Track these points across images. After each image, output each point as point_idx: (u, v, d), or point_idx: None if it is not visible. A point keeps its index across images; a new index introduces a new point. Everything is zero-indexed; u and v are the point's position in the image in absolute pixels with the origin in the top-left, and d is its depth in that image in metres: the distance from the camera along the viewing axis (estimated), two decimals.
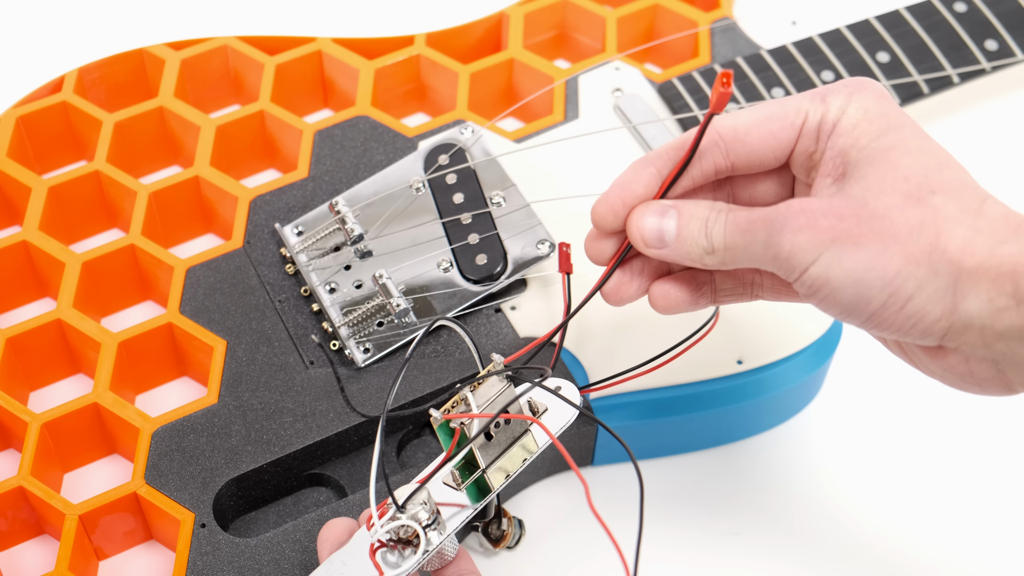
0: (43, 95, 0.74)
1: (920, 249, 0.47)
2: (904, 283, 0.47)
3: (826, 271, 0.47)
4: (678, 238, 0.50)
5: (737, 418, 0.66)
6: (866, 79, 0.52)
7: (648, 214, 0.51)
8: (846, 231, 0.47)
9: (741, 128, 0.51)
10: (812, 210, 0.48)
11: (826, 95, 0.51)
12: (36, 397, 0.68)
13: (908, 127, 0.50)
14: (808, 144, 0.51)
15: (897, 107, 0.51)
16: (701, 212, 0.50)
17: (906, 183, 0.48)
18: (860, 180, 0.48)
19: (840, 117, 0.50)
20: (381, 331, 0.64)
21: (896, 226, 0.47)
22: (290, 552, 0.59)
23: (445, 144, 0.69)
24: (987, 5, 0.76)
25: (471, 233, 0.66)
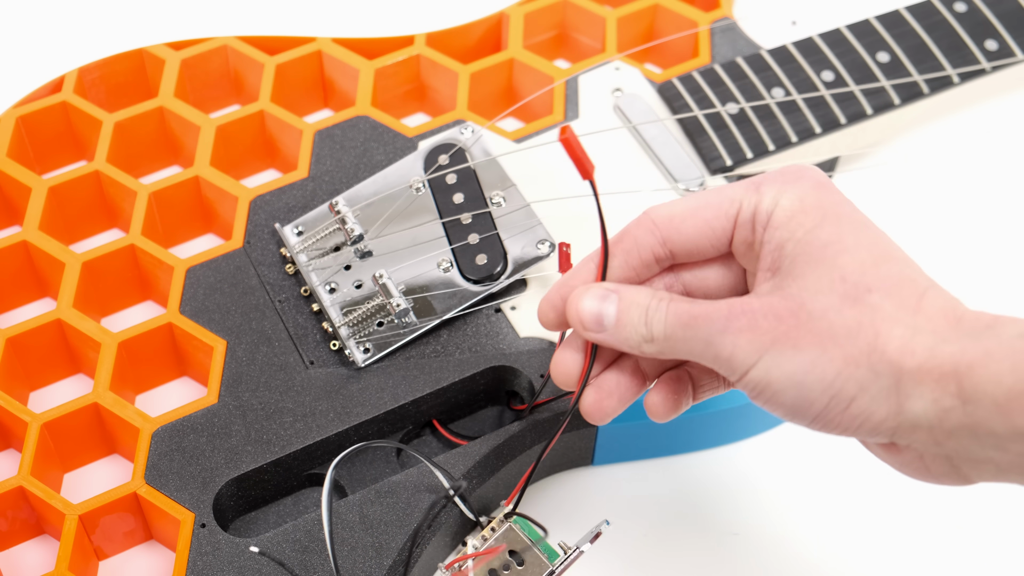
0: (43, 95, 0.74)
1: (859, 351, 0.46)
2: (845, 384, 0.46)
3: (767, 374, 0.47)
4: (617, 323, 0.50)
5: (737, 418, 0.66)
6: (806, 167, 0.51)
7: (587, 297, 0.51)
8: (785, 333, 0.47)
9: (676, 217, 0.51)
10: (752, 311, 0.48)
11: (760, 184, 0.50)
12: (36, 397, 0.68)
13: (846, 219, 0.49)
14: (746, 234, 0.51)
15: (836, 195, 0.50)
16: (642, 299, 0.50)
17: (843, 283, 0.47)
18: (798, 278, 0.48)
19: (774, 208, 0.50)
20: (381, 331, 0.64)
21: (834, 328, 0.47)
22: (290, 552, 0.59)
23: (445, 144, 0.69)
24: (987, 5, 0.76)
25: (471, 233, 0.66)
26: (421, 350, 0.65)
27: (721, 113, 0.72)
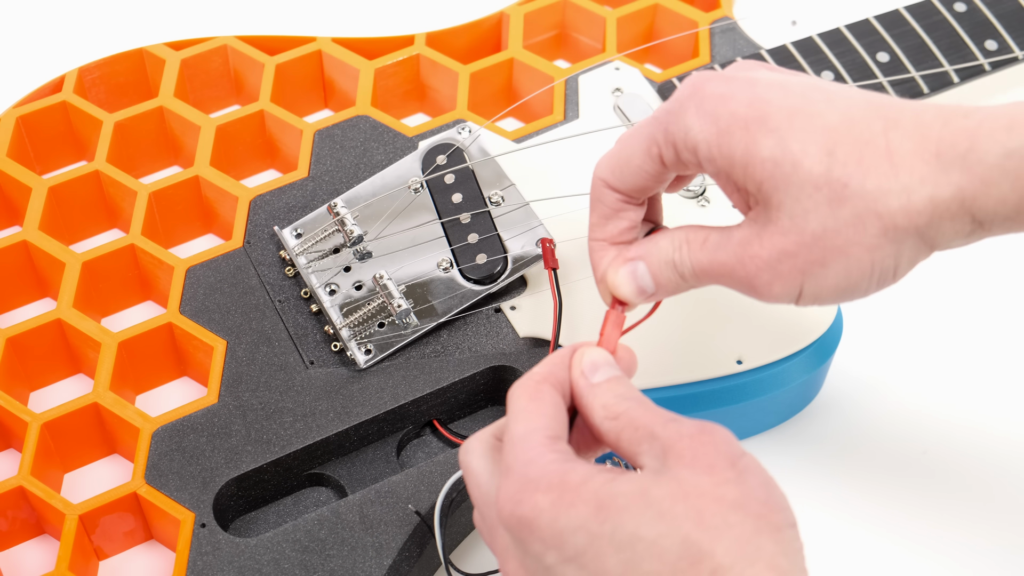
0: (43, 95, 0.74)
1: (874, 236, 0.48)
2: (883, 265, 0.49)
3: (814, 297, 0.50)
4: (658, 286, 0.53)
5: (737, 418, 0.66)
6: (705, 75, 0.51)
7: (620, 275, 0.53)
8: (807, 262, 0.49)
9: (616, 169, 0.52)
10: (767, 264, 0.49)
11: (667, 121, 0.50)
12: (36, 397, 0.68)
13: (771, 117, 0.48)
14: (682, 168, 0.51)
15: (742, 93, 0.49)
16: (666, 255, 0.52)
17: (818, 191, 0.48)
18: (778, 208, 0.49)
19: (695, 144, 0.50)
20: (382, 332, 0.64)
21: (841, 233, 0.48)
22: (290, 552, 0.59)
23: (443, 144, 0.69)
24: (987, 5, 0.76)
25: (471, 233, 0.66)
26: (421, 350, 0.65)
27: None
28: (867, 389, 0.70)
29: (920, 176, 0.47)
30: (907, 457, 0.67)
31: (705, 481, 0.45)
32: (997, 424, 0.68)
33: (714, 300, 0.65)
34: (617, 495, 0.45)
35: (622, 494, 0.45)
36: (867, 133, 0.48)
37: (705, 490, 0.44)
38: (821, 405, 0.69)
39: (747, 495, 0.45)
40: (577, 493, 0.45)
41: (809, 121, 0.48)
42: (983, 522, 0.65)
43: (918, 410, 0.69)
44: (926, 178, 0.47)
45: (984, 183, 0.47)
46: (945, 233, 0.48)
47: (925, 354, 0.71)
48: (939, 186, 0.47)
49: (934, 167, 0.47)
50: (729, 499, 0.44)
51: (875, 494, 0.66)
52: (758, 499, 0.45)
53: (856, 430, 0.68)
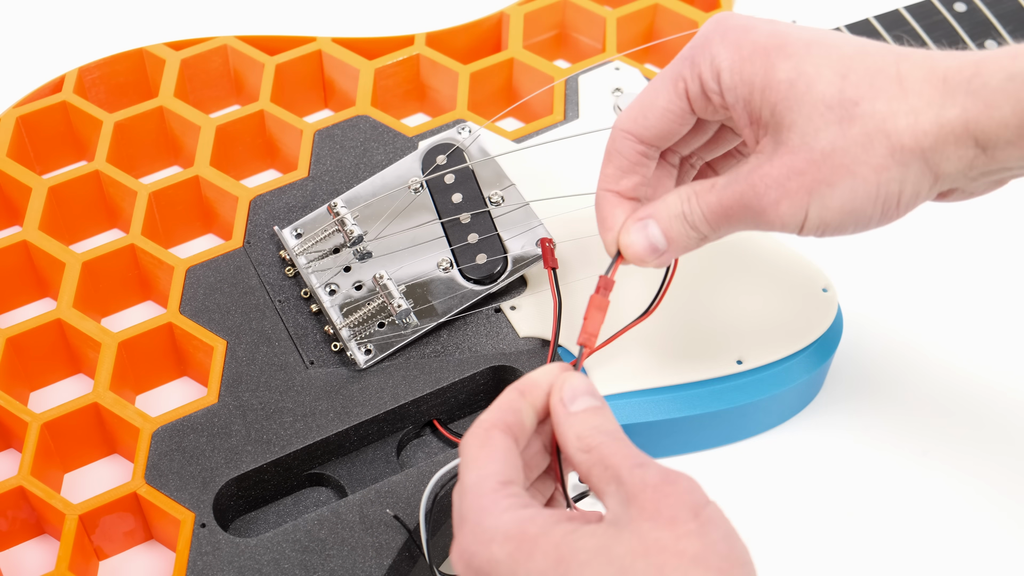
0: (43, 95, 0.74)
1: (882, 156, 0.49)
2: (888, 188, 0.50)
3: (820, 219, 0.51)
4: (669, 241, 0.54)
5: (737, 418, 0.66)
6: (726, 14, 0.53)
7: (632, 234, 0.54)
8: (814, 180, 0.50)
9: (639, 116, 0.54)
10: (776, 181, 0.50)
11: (693, 56, 0.52)
12: (36, 397, 0.68)
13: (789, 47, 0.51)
14: (704, 104, 0.53)
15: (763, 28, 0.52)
16: (675, 209, 0.54)
17: (830, 111, 0.50)
18: (790, 127, 0.50)
19: (718, 73, 0.52)
20: (382, 332, 0.64)
21: (850, 152, 0.49)
22: (290, 552, 0.59)
23: (443, 144, 0.69)
24: (987, 5, 0.76)
25: (471, 233, 0.66)
26: (421, 350, 0.65)
27: None
28: (867, 389, 0.70)
29: (927, 99, 0.49)
30: (907, 457, 0.67)
31: (666, 535, 0.44)
32: (997, 424, 0.68)
33: (714, 301, 0.65)
34: (578, 550, 0.44)
35: (583, 549, 0.44)
36: (880, 62, 0.50)
37: (666, 544, 0.44)
38: (821, 405, 0.69)
39: (708, 549, 0.44)
40: (536, 543, 0.45)
41: (825, 49, 0.51)
42: (983, 522, 0.65)
43: (918, 410, 0.69)
44: (933, 101, 0.49)
45: (987, 105, 0.48)
46: (950, 158, 0.49)
47: (925, 354, 0.71)
48: (944, 107, 0.49)
49: (941, 91, 0.49)
50: (690, 554, 0.44)
51: (875, 494, 0.66)
52: (719, 553, 0.45)
53: (856, 430, 0.68)
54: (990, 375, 0.70)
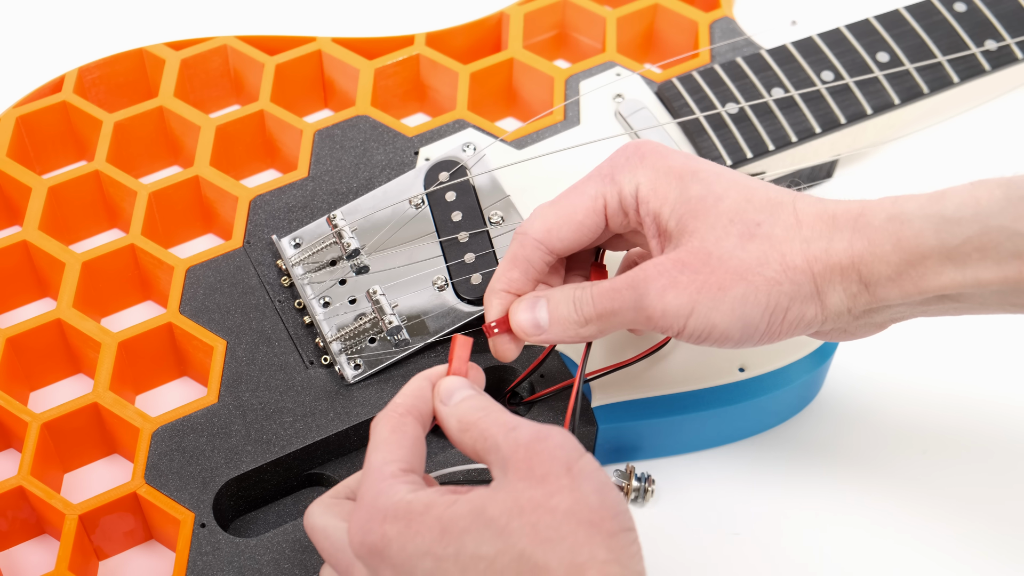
0: (43, 95, 0.74)
1: (775, 272, 0.53)
2: (778, 301, 0.53)
3: (708, 319, 0.53)
4: (552, 322, 0.56)
5: (737, 419, 0.66)
6: (641, 142, 0.57)
7: (521, 310, 0.57)
8: (706, 281, 0.53)
9: (553, 228, 0.56)
10: (668, 270, 0.53)
11: (612, 174, 0.56)
12: (36, 397, 0.68)
13: (701, 172, 0.55)
14: (621, 219, 0.56)
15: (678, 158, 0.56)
16: (567, 293, 0.56)
17: (733, 224, 0.53)
18: (692, 234, 0.53)
19: (636, 189, 0.55)
20: (373, 348, 0.64)
21: (746, 263, 0.53)
22: (290, 552, 0.59)
23: (446, 161, 0.69)
24: (987, 5, 0.76)
25: (467, 252, 0.66)
26: (421, 350, 0.65)
27: (721, 113, 0.72)
28: (867, 389, 0.70)
29: (819, 231, 0.53)
30: (907, 457, 0.67)
31: (539, 493, 0.46)
32: (997, 424, 0.68)
33: None
34: (457, 518, 0.47)
35: (461, 516, 0.47)
36: (779, 196, 0.55)
37: (539, 502, 0.46)
38: (821, 405, 0.69)
39: (579, 503, 0.46)
40: (422, 520, 0.47)
41: (733, 179, 0.55)
42: (983, 522, 0.65)
43: (918, 410, 0.69)
44: (823, 233, 0.53)
45: (870, 242, 0.52)
46: (836, 289, 0.53)
47: (925, 354, 0.71)
48: (833, 240, 0.53)
49: (830, 226, 0.53)
50: (562, 509, 0.46)
51: (875, 494, 0.66)
52: (590, 506, 0.46)
53: (856, 430, 0.68)
54: (990, 374, 0.70)
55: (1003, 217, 0.51)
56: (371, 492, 0.49)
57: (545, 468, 0.47)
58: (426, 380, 0.54)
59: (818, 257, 0.53)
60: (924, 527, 0.65)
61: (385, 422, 0.52)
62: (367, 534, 0.48)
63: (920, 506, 0.65)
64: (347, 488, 0.55)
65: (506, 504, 0.47)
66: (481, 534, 0.46)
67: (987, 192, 0.51)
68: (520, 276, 0.57)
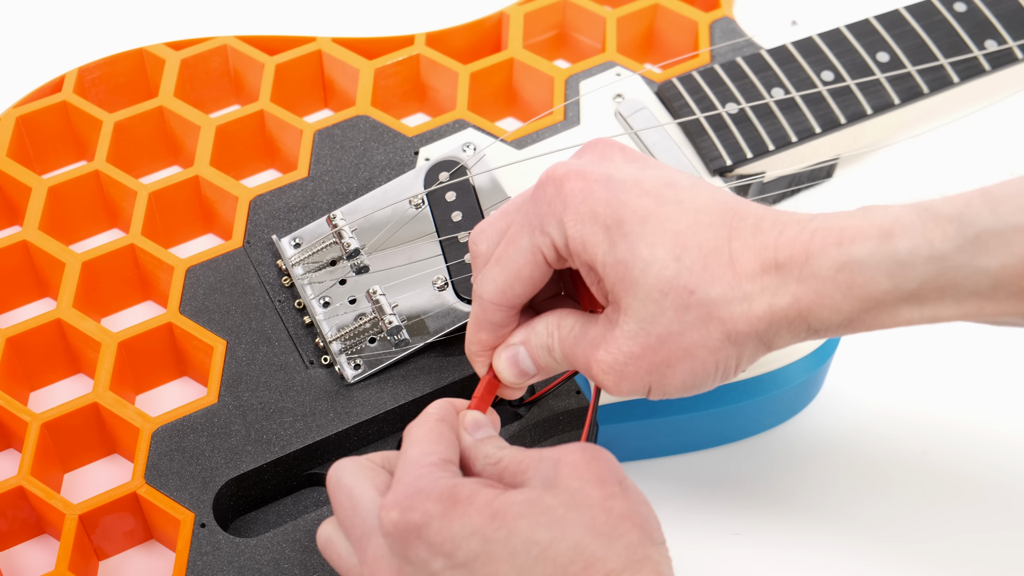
0: (43, 95, 0.74)
1: (718, 340, 0.51)
2: (726, 364, 0.51)
3: (662, 392, 0.52)
4: (538, 368, 0.56)
5: (737, 418, 0.66)
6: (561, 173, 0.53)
7: (503, 363, 0.56)
8: (651, 364, 0.51)
9: (507, 288, 0.54)
10: (613, 365, 0.51)
11: (542, 223, 0.53)
12: (36, 397, 0.68)
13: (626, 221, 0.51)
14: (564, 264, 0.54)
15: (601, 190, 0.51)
16: (542, 341, 0.55)
17: (665, 297, 0.50)
18: (626, 311, 0.51)
19: (566, 242, 0.52)
20: (373, 348, 0.64)
21: (686, 336, 0.50)
22: (290, 552, 0.59)
23: (447, 161, 0.69)
24: (987, 5, 0.76)
25: (467, 252, 0.66)
26: (421, 350, 0.65)
27: (721, 113, 0.72)
28: (867, 389, 0.70)
29: (760, 285, 0.50)
30: (907, 457, 0.67)
31: (595, 494, 0.48)
32: (997, 424, 0.68)
33: None
34: (511, 504, 0.47)
35: (516, 503, 0.47)
36: (713, 240, 0.51)
37: (595, 501, 0.47)
38: (821, 405, 0.69)
39: (633, 510, 0.48)
40: (469, 502, 0.48)
41: (660, 225, 0.51)
42: (983, 522, 0.65)
43: (918, 410, 0.69)
44: (766, 288, 0.50)
45: (819, 295, 0.50)
46: (783, 337, 0.51)
47: (925, 354, 0.71)
48: (777, 296, 0.50)
49: (773, 278, 0.50)
50: (617, 511, 0.48)
51: (875, 494, 0.66)
52: (641, 515, 0.48)
53: (856, 430, 0.68)
54: (990, 374, 0.70)
55: (959, 256, 0.48)
56: (411, 475, 0.49)
57: (599, 475, 0.48)
58: (450, 404, 0.54)
59: (762, 316, 0.50)
60: (924, 527, 0.65)
61: (421, 424, 0.52)
62: (408, 510, 0.48)
63: (920, 506, 0.65)
64: (384, 458, 0.54)
65: (563, 498, 0.47)
66: (537, 520, 0.47)
67: (940, 232, 0.49)
68: (488, 336, 0.56)
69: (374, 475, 0.52)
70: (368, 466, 0.52)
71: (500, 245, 0.54)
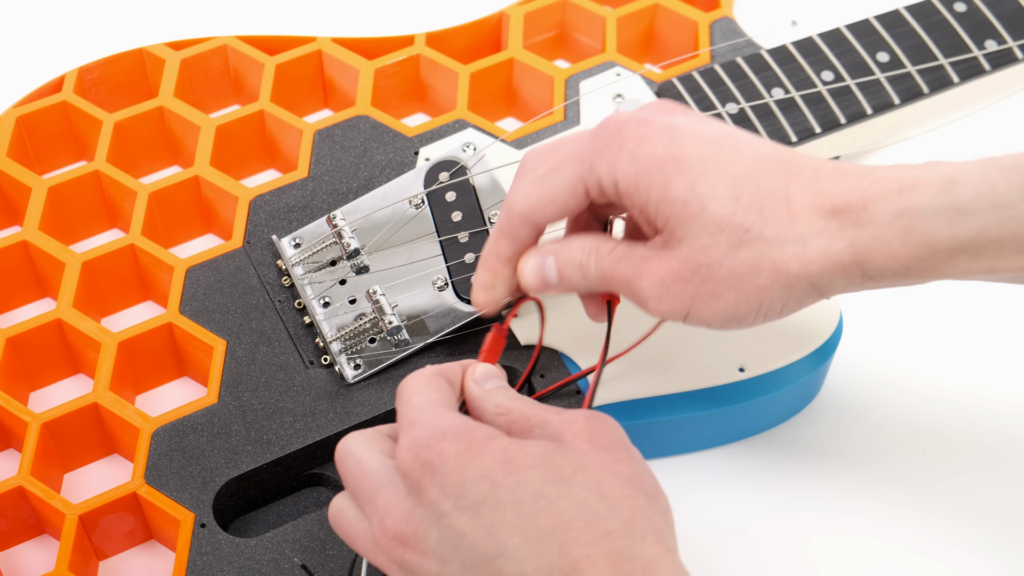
0: (43, 95, 0.74)
1: (766, 280, 0.51)
2: (770, 304, 0.52)
3: (700, 319, 0.53)
4: (560, 281, 0.56)
5: (737, 419, 0.66)
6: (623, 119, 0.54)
7: (529, 266, 0.56)
8: (698, 289, 0.52)
9: (537, 207, 0.55)
10: (662, 280, 0.52)
11: (593, 159, 0.53)
12: (36, 397, 0.68)
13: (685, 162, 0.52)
14: (603, 202, 0.55)
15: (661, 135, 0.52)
16: (575, 256, 0.55)
17: (721, 232, 0.51)
18: (682, 240, 0.52)
19: (615, 181, 0.53)
20: (373, 348, 0.64)
21: (735, 271, 0.51)
22: (290, 552, 0.59)
23: (447, 161, 0.69)
24: (987, 5, 0.76)
25: (467, 252, 0.66)
26: (421, 350, 0.65)
27: (721, 113, 0.72)
28: (867, 389, 0.70)
29: (816, 229, 0.51)
30: (907, 457, 0.67)
31: (604, 457, 0.49)
32: (997, 424, 0.68)
33: None
34: (525, 454, 0.48)
35: (530, 453, 0.48)
36: (770, 183, 0.51)
37: (603, 464, 0.48)
38: (821, 405, 0.69)
39: (639, 475, 0.49)
40: (485, 445, 0.48)
41: (719, 168, 0.52)
42: (983, 522, 0.65)
43: (918, 410, 0.69)
44: (822, 231, 0.51)
45: (875, 239, 0.50)
46: (836, 283, 0.51)
47: (925, 354, 0.71)
48: (833, 239, 0.51)
49: (830, 222, 0.51)
50: (624, 475, 0.48)
51: (875, 494, 0.66)
52: (648, 482, 0.49)
53: (856, 430, 0.68)
54: (990, 374, 0.70)
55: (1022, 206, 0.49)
56: (427, 415, 0.50)
57: (607, 440, 0.49)
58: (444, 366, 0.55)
59: (815, 259, 0.51)
60: (924, 528, 0.65)
61: (418, 378, 0.53)
62: (424, 449, 0.48)
63: (920, 507, 0.65)
64: (391, 428, 0.54)
65: (572, 458, 0.48)
66: (547, 475, 0.47)
67: (1004, 180, 0.49)
68: (507, 247, 0.57)
69: (381, 442, 0.52)
70: (375, 435, 0.53)
71: (544, 166, 0.55)
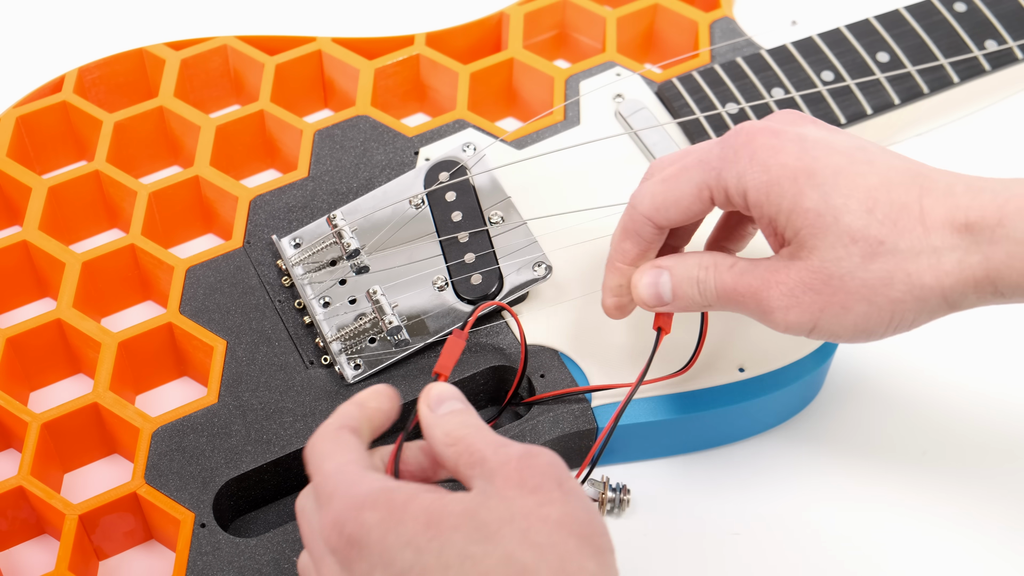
0: (43, 95, 0.74)
1: (900, 292, 0.51)
2: (902, 317, 0.52)
3: (830, 332, 0.53)
4: (675, 298, 0.56)
5: (737, 418, 0.66)
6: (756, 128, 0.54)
7: (645, 279, 0.57)
8: (829, 301, 0.52)
9: (660, 208, 0.55)
10: (790, 291, 0.53)
11: (721, 167, 0.53)
12: (36, 397, 0.68)
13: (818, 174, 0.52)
14: (729, 208, 0.55)
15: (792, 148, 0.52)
16: (692, 272, 0.56)
17: (855, 243, 0.51)
18: (813, 251, 0.52)
19: (744, 190, 0.53)
20: (373, 348, 0.64)
21: (869, 284, 0.51)
22: (290, 552, 0.59)
23: (447, 161, 0.69)
24: (987, 5, 0.76)
25: (467, 252, 0.66)
26: (420, 350, 0.65)
27: (721, 113, 0.72)
28: (867, 389, 0.70)
29: (951, 243, 0.51)
30: (907, 457, 0.67)
31: (531, 501, 0.46)
32: (997, 424, 0.68)
33: None
34: (446, 514, 0.46)
35: (452, 513, 0.46)
36: (904, 196, 0.51)
37: (530, 510, 0.46)
38: (821, 405, 0.69)
39: (570, 515, 0.46)
40: (405, 510, 0.46)
41: (852, 180, 0.52)
42: (983, 522, 0.65)
43: (918, 410, 0.69)
44: (956, 246, 0.51)
45: (1010, 256, 0.50)
46: (968, 298, 0.51)
47: (925, 354, 0.71)
48: (968, 253, 0.51)
49: (964, 237, 0.51)
50: (553, 518, 0.46)
51: (875, 494, 0.66)
52: (580, 520, 0.46)
53: (856, 430, 0.68)
54: (990, 374, 0.70)
55: None
56: (343, 484, 0.47)
57: (537, 480, 0.47)
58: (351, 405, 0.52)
59: (949, 272, 0.51)
60: (924, 528, 0.65)
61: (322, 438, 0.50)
62: (344, 524, 0.46)
63: (920, 507, 0.65)
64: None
65: (499, 510, 0.46)
66: (471, 535, 0.45)
67: None
68: (632, 248, 0.57)
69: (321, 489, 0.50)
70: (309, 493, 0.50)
71: (672, 168, 0.55)
